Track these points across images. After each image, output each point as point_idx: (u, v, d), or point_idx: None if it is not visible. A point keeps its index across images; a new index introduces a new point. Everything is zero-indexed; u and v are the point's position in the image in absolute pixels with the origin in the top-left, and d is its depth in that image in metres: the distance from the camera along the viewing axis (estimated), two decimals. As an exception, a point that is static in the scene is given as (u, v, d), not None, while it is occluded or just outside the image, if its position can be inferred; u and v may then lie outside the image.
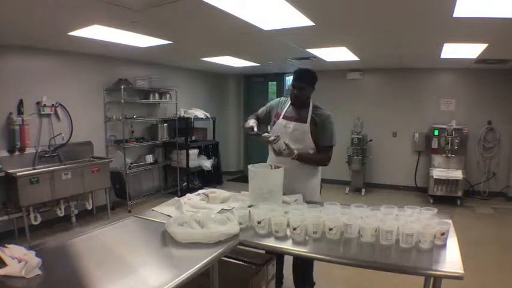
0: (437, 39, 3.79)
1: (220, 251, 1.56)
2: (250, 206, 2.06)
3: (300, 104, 2.47)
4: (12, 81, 3.97)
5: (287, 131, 2.44)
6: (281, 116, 2.51)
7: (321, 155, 2.46)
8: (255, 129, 2.39)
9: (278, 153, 2.27)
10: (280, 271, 2.75)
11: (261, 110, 2.71)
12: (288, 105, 2.54)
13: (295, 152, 2.30)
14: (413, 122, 6.22)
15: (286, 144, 2.25)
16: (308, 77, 2.43)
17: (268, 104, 2.72)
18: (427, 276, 1.71)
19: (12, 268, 1.31)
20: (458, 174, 5.41)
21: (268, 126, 2.68)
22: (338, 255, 1.56)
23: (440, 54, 4.56)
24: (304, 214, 1.77)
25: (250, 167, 2.23)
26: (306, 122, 2.43)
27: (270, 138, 2.23)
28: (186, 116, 6.00)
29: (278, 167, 2.23)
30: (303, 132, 2.42)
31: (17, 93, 3.99)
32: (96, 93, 4.93)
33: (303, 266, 2.64)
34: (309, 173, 2.51)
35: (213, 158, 6.57)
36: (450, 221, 1.73)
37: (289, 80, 7.55)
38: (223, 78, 7.45)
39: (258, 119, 2.61)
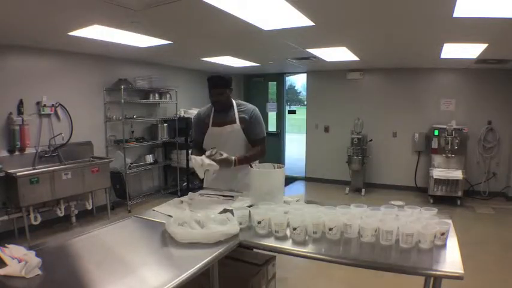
0: (437, 39, 3.78)
1: (220, 251, 1.56)
2: (250, 206, 2.06)
3: (223, 107, 2.53)
4: (12, 81, 3.97)
5: (221, 136, 2.49)
6: (210, 125, 2.55)
7: (257, 149, 2.52)
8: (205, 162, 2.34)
9: (221, 166, 2.29)
10: None
11: (194, 135, 2.73)
12: (212, 113, 2.58)
13: (233, 158, 2.34)
14: (413, 122, 6.22)
15: (221, 154, 2.29)
16: (222, 81, 2.49)
17: (194, 124, 2.76)
18: (427, 276, 1.71)
19: (12, 268, 1.31)
20: (458, 174, 5.41)
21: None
22: (338, 255, 1.55)
23: (440, 54, 4.56)
24: (304, 214, 1.77)
25: (251, 167, 2.23)
26: (235, 122, 2.50)
27: (207, 153, 2.28)
28: (186, 116, 6.00)
29: (280, 167, 2.23)
30: (236, 131, 2.48)
31: (17, 93, 3.99)
32: (96, 93, 4.93)
33: None
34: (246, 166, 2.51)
35: (213, 158, 6.55)
36: (450, 221, 1.72)
37: (289, 80, 7.55)
38: (223, 78, 7.43)
39: (200, 147, 2.60)
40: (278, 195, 2.16)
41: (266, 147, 2.58)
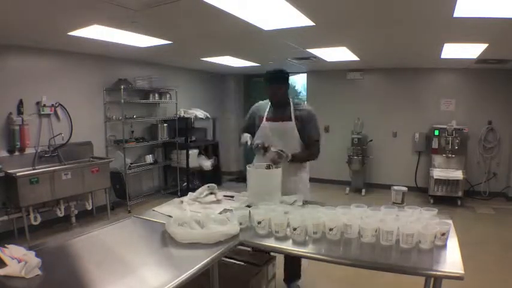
0: (438, 39, 3.78)
1: (220, 251, 1.56)
2: (249, 206, 2.06)
3: (280, 103, 2.50)
4: (12, 81, 3.96)
5: (273, 132, 2.47)
6: (264, 119, 2.53)
7: (311, 150, 2.51)
8: (249, 142, 2.40)
9: (274, 162, 2.27)
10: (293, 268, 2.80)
11: (246, 122, 2.72)
12: (268, 108, 2.56)
13: (289, 155, 2.32)
14: (414, 122, 6.21)
15: (279, 152, 2.26)
16: (281, 77, 2.47)
17: (249, 112, 2.73)
18: (427, 276, 1.70)
19: (12, 268, 1.31)
20: (458, 175, 5.40)
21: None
22: (338, 256, 1.55)
23: (440, 54, 4.56)
24: (304, 214, 1.77)
25: (248, 166, 2.23)
26: (291, 120, 2.47)
27: (260, 145, 2.28)
28: (186, 116, 6.00)
29: (277, 167, 2.23)
30: (290, 129, 2.46)
31: (16, 93, 3.99)
32: (96, 93, 4.92)
33: (292, 260, 2.68)
34: (299, 167, 2.54)
35: (213, 158, 6.56)
36: (450, 221, 1.72)
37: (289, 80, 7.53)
38: (223, 78, 7.46)
39: (249, 132, 2.60)
40: (276, 195, 2.16)
41: (319, 149, 2.54)
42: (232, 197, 2.38)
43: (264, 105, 2.61)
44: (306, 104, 2.61)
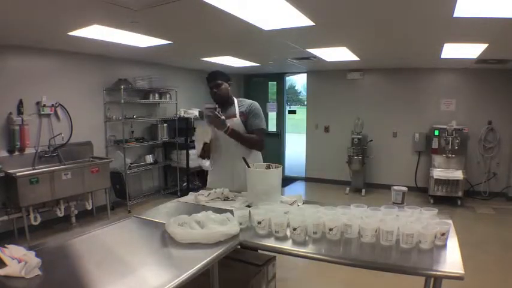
0: (438, 39, 3.78)
1: (220, 251, 1.55)
2: (249, 206, 2.06)
3: (223, 101, 2.60)
4: (12, 81, 3.97)
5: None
6: None
7: (253, 136, 2.57)
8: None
9: (212, 121, 2.39)
10: None
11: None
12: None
13: (227, 124, 2.40)
14: (414, 122, 6.22)
15: (215, 111, 2.37)
16: (218, 76, 2.59)
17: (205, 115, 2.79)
18: (427, 276, 1.70)
19: (12, 268, 1.30)
20: (458, 175, 5.41)
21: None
22: (338, 256, 1.55)
23: (440, 54, 4.56)
24: (304, 214, 1.77)
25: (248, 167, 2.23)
26: (236, 116, 2.56)
27: (208, 105, 2.41)
28: (186, 116, 6.00)
29: (277, 167, 2.23)
30: (237, 125, 2.53)
31: (16, 93, 3.99)
32: (96, 93, 4.92)
33: None
34: (248, 155, 2.56)
35: (213, 158, 6.55)
36: (450, 221, 1.72)
37: (289, 80, 7.55)
38: (223, 78, 7.43)
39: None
40: (275, 195, 2.15)
41: (263, 140, 2.61)
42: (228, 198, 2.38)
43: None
44: (248, 100, 2.71)
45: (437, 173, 5.49)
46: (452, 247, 1.55)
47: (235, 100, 2.66)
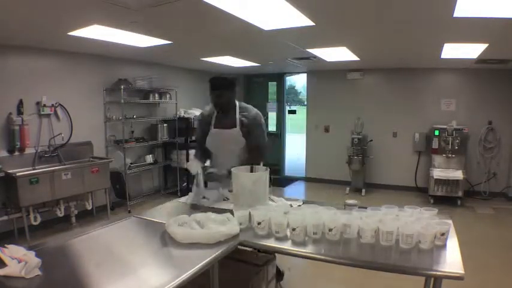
0: (438, 39, 3.78)
1: (220, 251, 1.56)
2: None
3: (223, 109, 2.50)
4: (12, 81, 3.96)
5: (221, 139, 2.50)
6: (212, 126, 2.54)
7: (251, 155, 2.47)
8: (199, 171, 2.38)
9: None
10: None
11: (199, 132, 2.71)
12: (214, 113, 2.57)
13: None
14: (414, 122, 6.21)
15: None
16: (222, 83, 2.46)
17: (198, 124, 2.75)
18: (427, 276, 1.70)
19: (12, 268, 1.30)
20: (458, 175, 5.40)
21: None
22: (338, 256, 1.55)
23: (440, 54, 4.56)
24: (304, 215, 1.77)
25: (233, 169, 2.20)
26: (235, 127, 2.46)
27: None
28: (186, 116, 6.00)
29: (265, 169, 2.22)
30: (235, 136, 2.46)
31: (16, 93, 3.99)
32: (96, 93, 4.92)
33: None
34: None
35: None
36: (450, 222, 1.72)
37: (289, 80, 7.55)
38: (223, 78, 7.42)
39: (202, 148, 2.62)
40: (262, 198, 2.12)
41: (262, 154, 2.51)
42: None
43: (210, 112, 2.61)
44: (253, 109, 2.55)
45: (437, 173, 5.49)
46: (452, 247, 1.55)
47: (238, 106, 2.53)
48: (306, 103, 7.83)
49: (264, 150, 2.54)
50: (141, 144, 5.44)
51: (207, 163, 2.62)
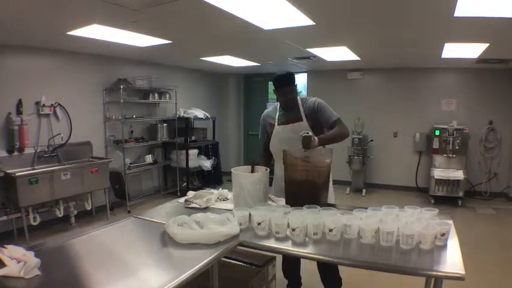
0: (438, 39, 3.78)
1: (220, 251, 1.55)
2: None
3: (291, 105, 2.47)
4: (11, 81, 3.96)
5: (287, 134, 2.42)
6: (276, 124, 2.50)
7: (336, 129, 2.40)
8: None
9: (305, 146, 2.16)
10: (297, 275, 2.76)
11: (262, 137, 2.68)
12: (277, 112, 2.53)
13: (316, 139, 2.20)
14: (414, 122, 6.21)
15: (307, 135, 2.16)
16: (289, 80, 2.43)
17: (261, 124, 2.68)
18: (428, 277, 1.70)
19: (11, 268, 1.30)
20: (459, 175, 5.40)
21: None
22: (338, 256, 1.55)
23: (441, 54, 4.56)
24: (304, 215, 1.76)
25: (233, 169, 2.18)
26: (302, 120, 2.43)
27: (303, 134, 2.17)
28: (185, 116, 5.99)
29: (266, 169, 2.20)
30: (304, 129, 2.37)
31: (16, 93, 3.98)
32: (95, 93, 4.92)
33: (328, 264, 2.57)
34: None
35: (213, 158, 6.56)
36: (451, 222, 1.72)
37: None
38: (223, 78, 7.43)
39: (267, 149, 2.58)
40: (262, 198, 2.11)
41: (344, 127, 2.42)
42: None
43: (271, 112, 2.58)
44: (310, 97, 2.54)
45: (438, 173, 5.49)
46: (453, 247, 1.54)
47: (299, 100, 2.50)
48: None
49: (342, 122, 2.47)
50: (141, 144, 5.44)
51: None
